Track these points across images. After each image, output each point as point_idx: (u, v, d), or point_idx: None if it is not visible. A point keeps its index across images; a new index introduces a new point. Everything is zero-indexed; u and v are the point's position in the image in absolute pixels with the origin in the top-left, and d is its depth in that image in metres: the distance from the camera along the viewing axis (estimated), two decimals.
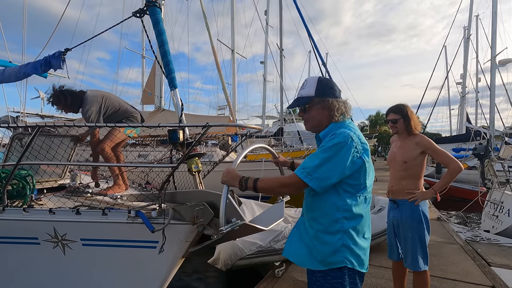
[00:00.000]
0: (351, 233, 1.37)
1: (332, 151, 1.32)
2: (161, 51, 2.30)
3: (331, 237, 1.37)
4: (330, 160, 1.31)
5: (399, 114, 2.38)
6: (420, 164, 2.35)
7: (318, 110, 1.48)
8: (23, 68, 3.16)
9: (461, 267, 3.57)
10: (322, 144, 1.40)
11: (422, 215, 2.29)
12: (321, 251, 1.39)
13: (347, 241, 1.36)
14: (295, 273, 3.34)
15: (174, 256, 2.10)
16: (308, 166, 1.34)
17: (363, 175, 1.38)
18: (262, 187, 1.38)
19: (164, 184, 2.00)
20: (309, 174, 1.31)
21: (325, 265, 1.38)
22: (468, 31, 20.45)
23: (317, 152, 1.38)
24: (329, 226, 1.38)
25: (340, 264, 1.36)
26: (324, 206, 1.39)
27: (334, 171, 1.31)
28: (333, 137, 1.37)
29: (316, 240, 1.42)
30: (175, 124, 1.82)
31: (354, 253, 1.38)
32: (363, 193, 1.40)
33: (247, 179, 1.41)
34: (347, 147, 1.32)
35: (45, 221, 2.12)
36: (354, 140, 1.35)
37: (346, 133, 1.37)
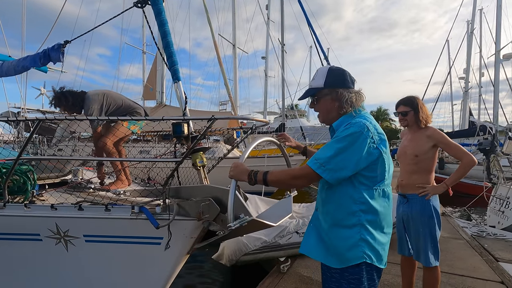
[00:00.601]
0: (368, 226, 1.31)
1: (347, 141, 1.26)
2: (163, 42, 2.23)
3: (348, 231, 1.31)
4: (344, 150, 1.25)
5: (410, 106, 2.31)
6: (432, 158, 2.28)
7: (327, 101, 1.44)
8: (22, 61, 3.09)
9: (469, 263, 3.52)
10: (336, 134, 1.34)
11: (433, 210, 2.24)
12: (338, 246, 1.33)
13: (365, 235, 1.30)
14: (301, 269, 3.30)
15: (179, 253, 2.06)
16: (321, 157, 1.28)
17: (381, 167, 1.32)
18: (272, 180, 1.33)
19: (169, 179, 1.95)
20: (322, 165, 1.26)
21: (342, 262, 1.32)
22: (472, 25, 20.22)
23: (331, 142, 1.32)
24: (345, 219, 1.32)
25: (359, 260, 1.30)
26: (339, 199, 1.34)
27: (349, 162, 1.25)
28: (348, 126, 1.31)
29: (331, 235, 1.36)
30: (179, 117, 1.76)
31: (373, 247, 1.32)
32: (381, 186, 1.34)
33: (256, 172, 1.36)
34: (363, 137, 1.26)
35: (46, 217, 2.08)
36: (370, 130, 1.29)
37: (362, 122, 1.31)
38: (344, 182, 1.31)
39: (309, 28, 12.22)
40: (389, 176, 1.37)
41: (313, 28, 12.47)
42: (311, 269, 3.27)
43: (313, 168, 1.27)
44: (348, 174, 1.27)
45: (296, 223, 3.81)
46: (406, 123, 2.37)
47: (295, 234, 3.67)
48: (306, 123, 24.62)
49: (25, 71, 3.21)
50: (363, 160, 1.27)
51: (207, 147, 2.03)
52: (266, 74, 21.17)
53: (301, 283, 2.99)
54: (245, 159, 1.44)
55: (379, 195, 1.34)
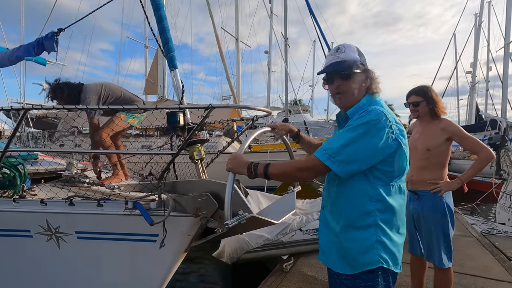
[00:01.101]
0: (385, 227, 1.17)
1: (362, 130, 1.11)
2: (159, 27, 2.10)
3: (363, 233, 1.17)
4: (358, 140, 1.11)
5: (422, 96, 2.16)
6: (445, 152, 2.13)
7: (359, 79, 1.25)
8: (16, 51, 2.98)
9: (480, 262, 3.37)
10: (349, 123, 1.19)
11: (446, 207, 2.09)
12: (351, 250, 1.19)
13: (381, 236, 1.16)
14: (304, 268, 3.18)
15: (176, 251, 1.95)
16: (331, 146, 1.14)
17: (399, 161, 1.17)
18: (275, 172, 1.19)
19: (164, 173, 1.83)
20: (331, 156, 1.11)
21: (356, 268, 1.18)
22: (480, 18, 19.77)
23: (343, 131, 1.17)
24: (359, 219, 1.18)
25: (374, 264, 1.16)
26: (352, 196, 1.19)
27: (363, 153, 1.11)
28: (363, 114, 1.16)
29: (343, 237, 1.22)
30: (174, 106, 1.63)
31: (389, 250, 1.18)
32: (397, 182, 1.20)
33: (257, 164, 1.22)
34: (380, 126, 1.11)
35: (36, 213, 1.98)
36: (389, 118, 1.14)
37: (379, 110, 1.15)
38: (357, 177, 1.16)
39: (313, 21, 11.98)
40: (406, 171, 1.23)
41: (318, 21, 12.23)
42: (315, 268, 3.14)
43: (321, 159, 1.12)
44: (361, 167, 1.13)
45: (300, 220, 3.68)
46: (418, 115, 2.21)
47: (299, 231, 3.55)
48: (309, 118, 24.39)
49: (19, 61, 3.09)
50: (380, 152, 1.12)
51: (205, 139, 1.90)
52: (269, 69, 20.93)
53: (304, 282, 2.87)
54: (244, 149, 1.31)
55: (396, 191, 1.20)
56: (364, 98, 1.25)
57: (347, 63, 1.23)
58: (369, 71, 1.27)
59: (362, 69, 1.25)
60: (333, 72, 1.27)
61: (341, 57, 1.25)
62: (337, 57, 1.26)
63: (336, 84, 1.26)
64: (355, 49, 1.27)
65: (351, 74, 1.23)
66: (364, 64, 1.26)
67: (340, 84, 1.25)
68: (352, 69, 1.23)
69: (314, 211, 4.04)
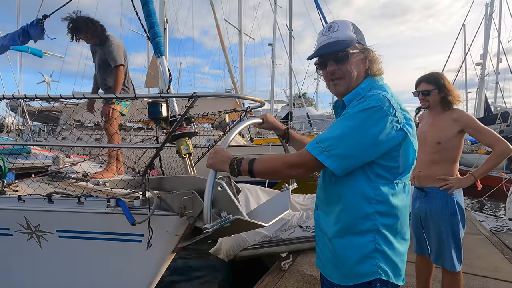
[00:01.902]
0: (386, 233, 1.01)
1: (360, 118, 0.94)
2: (144, 10, 1.93)
3: (359, 239, 1.01)
4: (356, 130, 0.94)
5: (433, 84, 1.96)
6: (457, 146, 1.95)
7: (358, 60, 1.07)
8: (1, 40, 2.84)
9: (489, 262, 3.21)
10: (346, 110, 1.02)
11: (456, 206, 1.92)
12: (345, 258, 1.03)
13: (381, 244, 1.00)
14: (303, 266, 3.04)
15: (163, 251, 1.82)
16: (325, 138, 0.97)
17: (404, 155, 1.00)
18: (260, 170, 1.03)
19: (148, 168, 1.69)
20: (325, 150, 0.95)
21: (349, 278, 1.03)
22: (491, 7, 19.14)
23: (339, 120, 1.00)
24: (356, 223, 1.01)
25: (371, 276, 1.00)
26: (348, 197, 1.02)
27: (361, 147, 0.94)
28: (362, 100, 0.98)
29: (337, 244, 1.05)
30: (155, 95, 1.47)
31: (390, 260, 1.01)
32: (402, 179, 1.03)
33: (240, 160, 1.06)
34: (382, 113, 0.94)
35: (14, 210, 1.86)
36: (393, 105, 0.96)
37: (382, 95, 0.98)
38: (355, 174, 1.00)
39: (318, 12, 11.69)
40: (413, 166, 1.06)
41: (323, 12, 11.93)
42: (314, 267, 3.00)
43: (314, 153, 0.96)
44: (360, 162, 0.97)
45: (300, 216, 3.54)
46: (428, 104, 2.02)
47: (298, 228, 3.40)
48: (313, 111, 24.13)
49: (6, 50, 2.95)
50: (382, 144, 0.95)
51: (193, 131, 1.74)
52: (273, 62, 20.63)
53: (303, 282, 2.74)
54: (229, 143, 1.15)
55: (400, 191, 1.03)
56: (364, 82, 1.08)
57: (341, 44, 1.05)
58: (368, 51, 1.08)
59: (360, 49, 1.07)
60: (325, 55, 1.09)
61: (333, 36, 1.07)
62: (329, 37, 1.07)
63: (330, 69, 1.09)
64: (349, 26, 1.09)
65: (347, 56, 1.05)
66: (361, 42, 1.09)
67: (335, 69, 1.08)
68: (348, 50, 1.05)
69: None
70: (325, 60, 1.10)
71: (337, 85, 1.10)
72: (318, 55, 1.11)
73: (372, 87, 1.05)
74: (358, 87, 1.07)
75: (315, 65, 1.15)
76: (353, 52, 1.06)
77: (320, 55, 1.10)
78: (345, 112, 1.02)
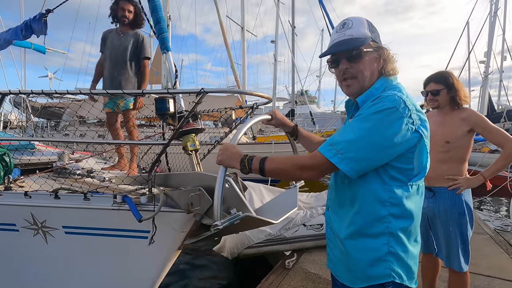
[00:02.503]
0: (400, 236, 0.99)
1: (375, 120, 0.92)
2: (150, 5, 1.91)
3: (373, 242, 1.00)
4: (371, 133, 0.92)
5: (442, 84, 1.94)
6: (466, 145, 1.92)
7: (372, 59, 1.04)
8: (4, 34, 2.84)
9: (494, 261, 3.19)
10: (360, 112, 0.99)
11: (465, 206, 1.90)
12: (358, 260, 1.02)
13: (395, 247, 0.98)
14: (308, 265, 3.04)
15: (169, 248, 1.82)
16: (339, 141, 0.95)
17: (419, 156, 0.98)
18: (272, 169, 1.02)
19: (154, 164, 1.68)
20: (339, 153, 0.93)
21: (361, 280, 1.02)
22: (496, 5, 18.94)
23: (352, 121, 0.98)
24: (369, 226, 1.00)
25: (384, 278, 0.99)
26: (361, 199, 1.01)
27: (376, 149, 0.92)
28: (377, 101, 0.96)
29: (349, 246, 1.04)
30: (163, 91, 1.46)
31: (404, 263, 1.00)
32: (417, 181, 1.01)
33: (252, 158, 1.04)
34: (397, 115, 0.92)
35: (20, 206, 1.85)
36: (408, 106, 0.94)
37: (397, 96, 0.95)
38: (369, 176, 0.98)
39: (321, 9, 11.62)
40: (428, 169, 1.04)
41: (326, 9, 11.87)
42: (318, 265, 3.00)
43: (327, 156, 0.94)
44: (374, 165, 0.95)
45: (304, 215, 3.53)
46: (437, 104, 1.99)
47: (302, 226, 3.40)
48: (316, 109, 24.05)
49: (8, 45, 2.95)
50: (397, 146, 0.93)
51: (199, 128, 1.73)
52: (276, 59, 20.56)
53: (307, 280, 2.73)
54: (239, 139, 1.14)
55: (414, 193, 1.02)
56: (378, 81, 1.05)
57: (355, 42, 1.02)
58: (383, 49, 1.05)
59: (374, 47, 1.04)
60: (338, 53, 1.06)
61: (347, 34, 1.04)
62: (343, 35, 1.04)
63: (342, 67, 1.06)
64: (364, 23, 1.06)
65: (361, 55, 1.02)
66: (376, 40, 1.06)
67: (347, 68, 1.05)
68: (361, 48, 1.02)
69: (319, 205, 3.88)
70: (337, 58, 1.07)
71: (350, 86, 1.08)
72: (331, 53, 1.08)
73: (386, 87, 1.03)
74: (372, 87, 1.05)
75: (327, 62, 1.12)
76: (367, 51, 1.03)
77: (332, 53, 1.08)
78: (359, 113, 1.00)
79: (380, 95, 0.99)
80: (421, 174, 1.02)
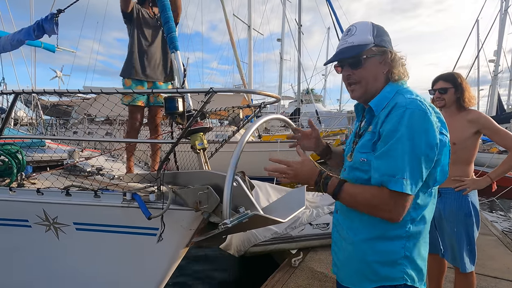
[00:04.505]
0: (416, 239, 1.00)
1: (416, 130, 0.90)
2: (159, 5, 1.94)
3: (390, 245, 1.00)
4: (417, 147, 0.90)
5: (451, 83, 1.94)
6: (473, 146, 1.92)
7: (375, 64, 1.04)
8: (17, 35, 2.89)
9: (501, 263, 3.17)
10: (391, 127, 0.93)
11: (471, 207, 1.90)
12: (372, 262, 1.02)
13: (411, 251, 1.00)
14: (313, 263, 3.05)
15: (177, 245, 1.85)
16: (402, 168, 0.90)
17: (443, 159, 0.98)
18: (346, 198, 0.99)
19: (163, 163, 1.71)
20: (412, 184, 0.90)
21: (374, 281, 1.02)
22: (507, 2, 18.62)
23: (396, 141, 0.91)
24: (389, 230, 0.99)
25: (397, 281, 0.99)
26: None
27: (427, 160, 0.92)
28: (401, 110, 0.93)
29: (363, 248, 1.04)
30: (172, 90, 1.48)
31: (416, 265, 1.01)
32: (435, 186, 1.01)
33: (327, 181, 1.01)
34: (429, 118, 0.91)
35: (33, 203, 1.90)
36: (428, 108, 0.94)
37: (418, 100, 0.95)
38: None
39: (328, 7, 11.56)
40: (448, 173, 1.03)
41: (333, 6, 11.80)
42: (324, 264, 3.02)
43: (404, 190, 0.89)
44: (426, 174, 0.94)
45: (310, 214, 3.54)
46: (444, 103, 1.99)
47: (308, 225, 3.41)
48: (321, 108, 23.97)
49: (21, 45, 3.01)
50: (436, 149, 0.93)
51: (207, 127, 1.75)
52: (282, 57, 20.52)
53: (313, 279, 2.75)
54: (246, 141, 1.15)
55: (432, 197, 1.02)
56: (388, 86, 1.06)
57: (355, 49, 1.04)
58: (387, 53, 1.05)
59: (377, 52, 1.04)
60: (341, 60, 1.08)
61: (349, 41, 1.06)
62: (345, 42, 1.07)
63: (345, 74, 1.09)
64: (369, 28, 1.06)
65: (361, 61, 1.04)
66: (379, 45, 1.05)
67: (349, 74, 1.07)
68: (362, 54, 1.03)
69: (325, 204, 3.89)
70: (342, 65, 1.10)
71: (353, 90, 1.09)
72: (333, 61, 1.11)
73: (397, 91, 1.03)
74: (384, 90, 1.05)
75: (335, 67, 1.14)
76: (368, 57, 1.04)
77: (334, 61, 1.11)
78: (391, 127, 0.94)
79: (397, 102, 0.98)
80: (444, 178, 1.01)
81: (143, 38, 2.60)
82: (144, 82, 2.61)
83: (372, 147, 0.99)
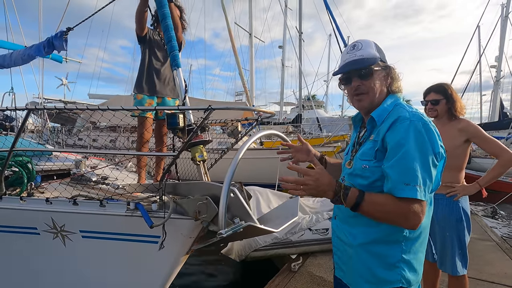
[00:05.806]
0: (414, 243, 1.06)
1: (423, 141, 0.98)
2: (162, 25, 2.06)
3: (389, 248, 1.06)
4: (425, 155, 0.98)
5: (442, 94, 2.03)
6: (463, 154, 2.00)
7: (381, 77, 1.14)
8: (28, 50, 3.04)
9: (499, 268, 3.21)
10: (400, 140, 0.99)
11: (462, 212, 1.97)
12: (371, 264, 1.08)
13: (409, 254, 1.05)
14: (313, 268, 3.12)
15: (177, 253, 1.93)
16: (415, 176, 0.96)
17: (439, 169, 1.05)
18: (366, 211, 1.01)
19: (165, 174, 1.81)
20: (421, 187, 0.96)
21: (373, 283, 1.08)
22: (507, 8, 18.69)
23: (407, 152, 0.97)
24: (387, 234, 1.05)
25: (394, 284, 1.05)
26: None
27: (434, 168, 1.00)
28: (406, 122, 1.01)
29: (363, 251, 1.09)
30: (173, 107, 1.59)
31: (414, 269, 1.07)
32: (433, 192, 1.08)
33: (348, 189, 1.00)
34: (430, 128, 1.01)
35: (42, 211, 2.00)
36: (427, 120, 1.03)
37: (419, 113, 1.05)
38: None
39: (328, 15, 11.72)
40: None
41: (333, 14, 11.95)
42: (323, 269, 3.08)
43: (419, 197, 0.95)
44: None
45: (310, 219, 3.61)
46: (436, 114, 2.08)
47: (308, 231, 3.48)
48: (323, 114, 24.02)
49: (31, 60, 3.15)
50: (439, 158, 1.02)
51: (207, 140, 1.85)
52: (283, 64, 20.69)
53: (312, 283, 2.82)
54: (242, 154, 1.24)
55: (430, 203, 1.10)
56: (388, 98, 1.15)
57: (366, 61, 1.11)
58: (390, 68, 1.15)
59: (383, 66, 1.13)
60: (350, 71, 1.15)
61: (358, 54, 1.13)
62: (354, 55, 1.14)
63: (354, 85, 1.14)
64: (373, 45, 1.15)
65: (371, 73, 1.11)
66: (383, 60, 1.15)
67: (359, 85, 1.13)
68: (372, 67, 1.11)
69: (324, 210, 3.96)
70: (349, 76, 1.16)
71: (361, 100, 1.15)
72: (344, 71, 1.17)
73: (396, 104, 1.12)
74: (384, 103, 1.13)
75: (339, 80, 1.21)
76: (377, 69, 1.12)
77: (345, 71, 1.17)
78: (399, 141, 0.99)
79: (400, 115, 1.05)
80: (437, 186, 1.07)
81: (154, 58, 2.83)
82: (154, 97, 2.80)
83: (375, 155, 1.06)
